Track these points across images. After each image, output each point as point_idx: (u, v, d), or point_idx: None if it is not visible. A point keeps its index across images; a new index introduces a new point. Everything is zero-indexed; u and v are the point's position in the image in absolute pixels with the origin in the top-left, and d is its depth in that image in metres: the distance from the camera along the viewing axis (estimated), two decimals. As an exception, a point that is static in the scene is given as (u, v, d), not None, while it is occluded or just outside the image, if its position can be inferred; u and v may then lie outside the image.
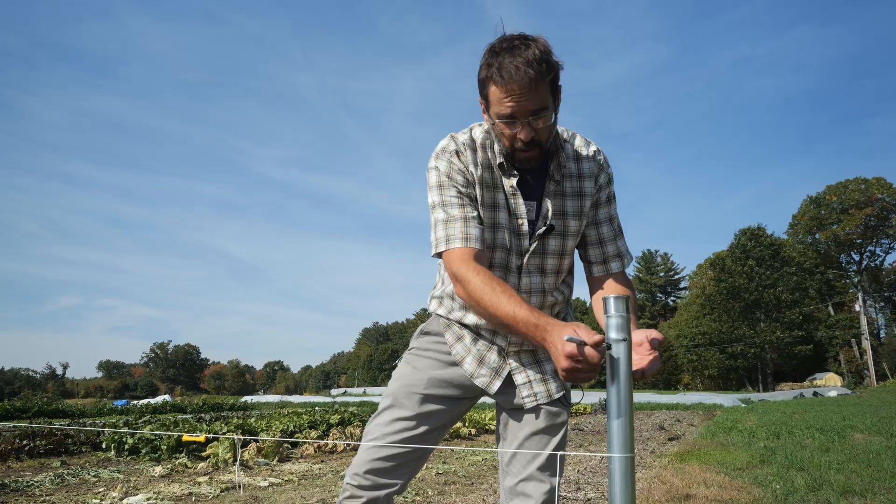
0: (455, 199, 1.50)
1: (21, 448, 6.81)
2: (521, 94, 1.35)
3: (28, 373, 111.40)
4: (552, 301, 1.64)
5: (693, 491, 4.52)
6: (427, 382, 1.66)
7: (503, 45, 1.37)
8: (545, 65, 1.34)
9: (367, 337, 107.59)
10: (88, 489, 4.87)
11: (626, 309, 1.18)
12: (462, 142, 1.55)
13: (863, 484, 4.58)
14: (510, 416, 1.67)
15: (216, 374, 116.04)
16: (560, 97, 1.44)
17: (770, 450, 7.05)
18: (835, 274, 56.30)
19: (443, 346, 1.70)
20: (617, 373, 1.14)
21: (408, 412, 1.63)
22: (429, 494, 4.61)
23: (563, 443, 1.62)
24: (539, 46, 1.36)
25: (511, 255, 1.57)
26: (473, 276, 1.42)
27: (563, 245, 1.58)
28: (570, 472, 5.70)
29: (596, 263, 1.64)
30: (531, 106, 1.37)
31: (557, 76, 1.40)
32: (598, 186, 1.59)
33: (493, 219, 1.54)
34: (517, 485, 1.59)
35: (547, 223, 1.54)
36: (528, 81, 1.33)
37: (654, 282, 76.32)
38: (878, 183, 51.86)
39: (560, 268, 1.61)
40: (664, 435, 9.96)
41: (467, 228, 1.48)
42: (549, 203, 1.53)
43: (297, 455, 6.94)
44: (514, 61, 1.33)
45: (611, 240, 1.62)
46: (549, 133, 1.46)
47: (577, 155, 1.57)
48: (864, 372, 50.75)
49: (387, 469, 1.61)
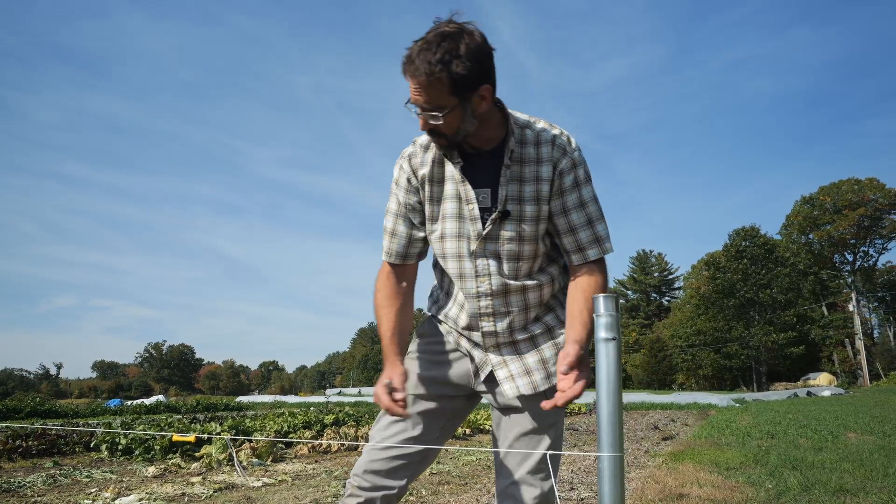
0: (393, 208, 1.66)
1: (13, 448, 6.78)
2: (419, 88, 1.41)
3: (22, 373, 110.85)
4: (532, 285, 1.60)
5: (686, 490, 4.53)
6: (417, 383, 1.68)
7: (426, 36, 1.40)
8: (444, 71, 1.36)
9: (362, 337, 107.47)
10: (81, 490, 4.84)
11: (616, 307, 1.18)
12: (420, 143, 1.62)
13: (855, 483, 4.60)
14: (501, 416, 1.67)
15: (211, 374, 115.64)
16: (478, 94, 1.43)
17: (764, 449, 7.07)
18: (828, 274, 56.55)
19: (433, 346, 1.72)
20: (605, 373, 1.14)
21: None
22: (423, 494, 4.60)
23: (555, 444, 1.60)
24: (450, 48, 1.36)
25: (464, 242, 1.58)
26: (379, 290, 1.68)
27: (519, 230, 1.55)
28: (563, 471, 5.70)
29: (572, 252, 1.57)
30: (423, 102, 1.42)
31: (463, 79, 1.38)
32: (560, 171, 1.54)
33: (440, 211, 1.59)
34: (508, 487, 1.59)
35: (500, 208, 1.54)
36: (423, 80, 1.38)
37: (648, 282, 76.51)
38: (870, 184, 52.13)
39: (521, 254, 1.57)
40: (658, 435, 9.98)
41: (390, 244, 1.67)
42: (503, 189, 1.54)
43: (292, 455, 6.92)
44: (417, 58, 1.38)
45: (583, 226, 1.56)
46: (455, 128, 1.46)
47: (537, 140, 1.55)
48: (858, 372, 51.02)
49: (385, 471, 1.61)
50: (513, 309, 1.60)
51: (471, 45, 1.38)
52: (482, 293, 1.59)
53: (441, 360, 1.69)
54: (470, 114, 1.45)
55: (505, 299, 1.59)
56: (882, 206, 51.94)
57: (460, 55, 1.36)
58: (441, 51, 1.36)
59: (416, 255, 1.70)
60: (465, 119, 1.45)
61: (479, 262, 1.57)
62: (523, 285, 1.59)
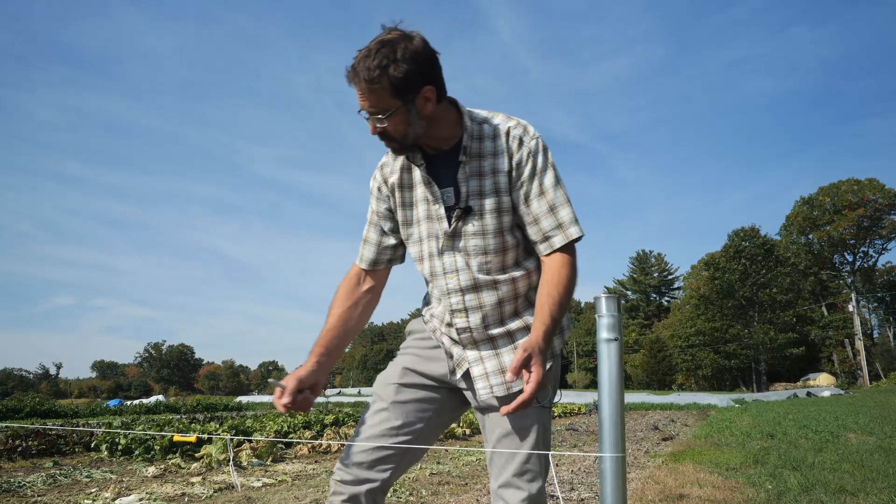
0: (368, 216, 1.75)
1: (13, 448, 6.77)
2: (363, 94, 1.46)
3: (21, 373, 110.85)
4: (504, 279, 1.59)
5: (687, 491, 4.53)
6: (402, 372, 1.69)
7: (369, 44, 1.45)
8: (384, 75, 1.41)
9: (361, 337, 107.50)
10: (81, 489, 4.84)
11: (618, 308, 1.18)
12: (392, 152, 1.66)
13: (855, 484, 4.60)
14: (483, 416, 1.67)
15: (210, 374, 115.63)
16: (421, 96, 1.46)
17: (764, 450, 7.07)
18: (828, 274, 56.59)
19: (419, 342, 1.73)
20: (607, 374, 1.14)
21: (384, 403, 1.66)
22: (423, 495, 4.60)
23: (540, 444, 1.58)
24: (388, 53, 1.41)
25: (433, 241, 1.62)
26: (338, 288, 1.77)
27: (482, 224, 1.56)
28: (563, 472, 5.70)
29: (539, 242, 1.57)
30: (369, 107, 1.47)
31: (403, 82, 1.43)
32: (517, 162, 1.54)
33: (413, 215, 1.65)
34: (497, 489, 1.59)
35: (462, 205, 1.56)
36: (365, 86, 1.44)
37: (648, 282, 76.55)
38: (870, 184, 52.16)
39: (487, 248, 1.57)
40: (658, 435, 9.98)
41: (362, 249, 1.76)
42: (463, 185, 1.56)
43: (292, 455, 6.92)
44: (359, 65, 1.44)
45: (545, 214, 1.55)
46: (403, 130, 1.50)
47: (494, 133, 1.56)
48: (858, 372, 51.05)
49: (368, 463, 1.59)
50: (485, 304, 1.59)
51: (409, 48, 1.43)
52: (451, 290, 1.61)
53: (426, 355, 1.71)
54: (416, 115, 1.49)
55: (476, 295, 1.59)
56: (882, 207, 51.98)
57: (398, 59, 1.41)
58: (380, 56, 1.41)
59: (387, 261, 1.76)
60: (410, 121, 1.49)
61: (446, 259, 1.60)
62: (494, 280, 1.58)
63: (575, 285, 1.54)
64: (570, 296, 1.51)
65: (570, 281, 1.52)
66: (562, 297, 1.49)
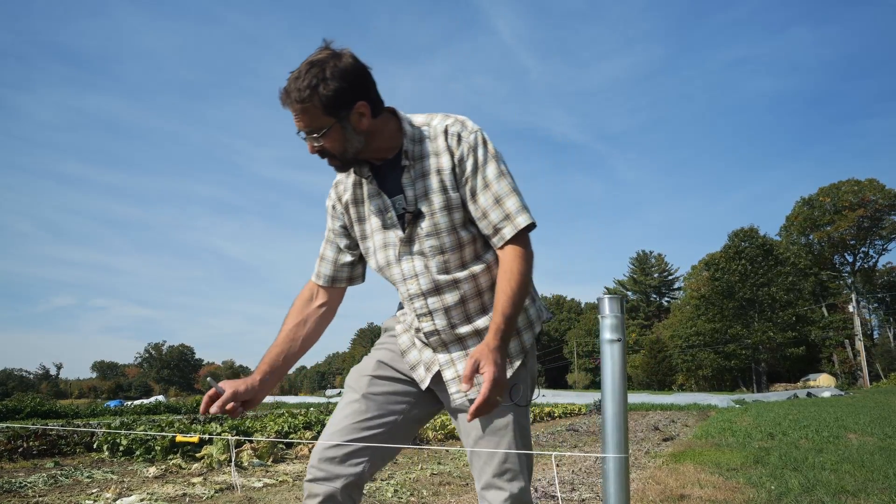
0: (325, 234, 1.77)
1: (14, 449, 6.78)
2: (297, 115, 1.49)
3: (21, 373, 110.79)
4: (464, 276, 1.58)
5: (688, 491, 4.54)
6: (376, 365, 1.70)
7: (300, 66, 1.48)
8: (314, 95, 1.44)
9: (361, 337, 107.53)
10: (82, 490, 4.84)
11: (621, 309, 1.19)
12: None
13: (856, 484, 4.61)
14: (456, 419, 1.66)
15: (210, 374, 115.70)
16: (354, 111, 1.48)
17: (764, 450, 7.08)
18: (828, 275, 56.58)
19: (392, 339, 1.74)
20: (610, 375, 1.15)
21: (356, 394, 1.66)
22: (424, 495, 4.61)
23: (518, 443, 1.57)
24: (317, 73, 1.44)
25: (391, 250, 1.62)
26: (293, 303, 1.79)
27: (434, 224, 1.56)
28: (564, 472, 5.70)
29: (491, 236, 1.56)
30: (304, 127, 1.50)
31: (333, 100, 1.45)
32: (459, 159, 1.54)
33: (363, 230, 1.67)
34: (480, 491, 1.60)
35: (411, 208, 1.56)
36: (297, 106, 1.47)
37: (648, 282, 76.54)
38: (870, 184, 52.17)
39: (443, 247, 1.57)
40: (659, 435, 9.99)
41: (318, 266, 1.78)
42: (410, 189, 1.57)
43: (292, 456, 6.93)
44: (289, 86, 1.47)
45: (492, 207, 1.53)
46: (341, 147, 1.52)
47: (433, 133, 1.57)
48: (858, 373, 51.04)
49: (340, 457, 1.57)
50: (448, 305, 1.59)
51: (338, 66, 1.45)
52: (413, 295, 1.61)
53: (397, 352, 1.71)
54: (351, 131, 1.50)
55: (438, 297, 1.59)
56: (882, 207, 51.98)
57: (326, 78, 1.44)
58: (309, 76, 1.44)
59: (346, 279, 1.78)
60: (347, 137, 1.51)
61: (405, 266, 1.60)
62: (454, 278, 1.58)
63: (529, 276, 1.53)
64: (524, 288, 1.50)
65: (523, 273, 1.51)
66: (514, 291, 1.48)
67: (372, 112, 1.51)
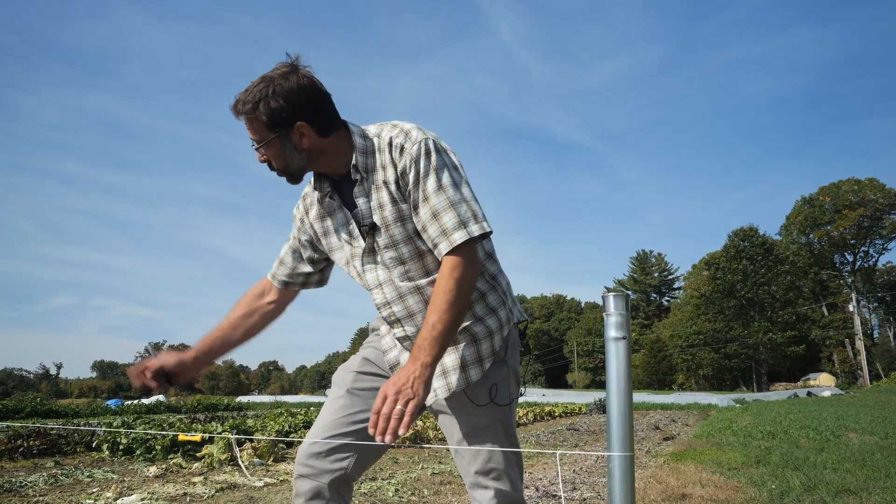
0: (289, 239, 1.80)
1: (14, 448, 6.77)
2: (246, 126, 1.54)
3: (22, 373, 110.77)
4: (426, 283, 1.58)
5: (689, 490, 4.53)
6: (361, 362, 1.72)
7: (255, 79, 1.53)
8: (255, 109, 1.49)
9: (361, 337, 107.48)
10: (82, 489, 4.84)
11: (626, 307, 1.18)
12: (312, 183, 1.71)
13: (858, 483, 4.60)
14: (437, 419, 1.68)
15: (211, 374, 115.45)
16: (295, 130, 1.51)
17: (765, 449, 7.07)
18: (828, 274, 56.57)
19: (376, 339, 1.76)
20: (615, 372, 1.14)
21: (341, 390, 1.67)
22: (424, 494, 4.60)
23: (501, 443, 1.58)
24: (263, 89, 1.48)
25: (357, 261, 1.64)
26: (245, 294, 1.83)
27: (390, 236, 1.55)
28: (565, 471, 5.70)
29: (433, 249, 1.52)
30: (251, 137, 1.55)
31: (274, 116, 1.49)
32: (402, 171, 1.52)
33: (330, 243, 1.70)
34: (469, 489, 1.63)
35: (365, 222, 1.57)
36: (244, 118, 1.52)
37: (648, 282, 76.56)
38: (870, 184, 52.16)
39: (402, 257, 1.56)
40: (659, 435, 9.98)
41: (276, 268, 1.81)
42: (363, 202, 1.57)
43: (292, 455, 6.92)
44: (238, 98, 1.52)
45: (430, 221, 1.49)
46: (283, 161, 1.55)
47: (382, 145, 1.56)
48: (858, 372, 51.04)
49: (325, 452, 1.58)
50: (414, 312, 1.59)
51: (284, 86, 1.48)
52: (380, 304, 1.62)
53: (380, 351, 1.73)
54: (292, 149, 1.53)
55: (403, 304, 1.59)
56: (882, 207, 51.96)
57: (269, 96, 1.48)
58: (255, 91, 1.49)
59: (300, 284, 1.81)
60: (287, 153, 1.54)
61: (369, 276, 1.62)
62: (416, 286, 1.57)
63: (465, 287, 1.47)
64: (458, 302, 1.44)
65: (455, 289, 1.45)
66: (444, 308, 1.43)
67: (320, 132, 1.53)
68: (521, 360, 1.73)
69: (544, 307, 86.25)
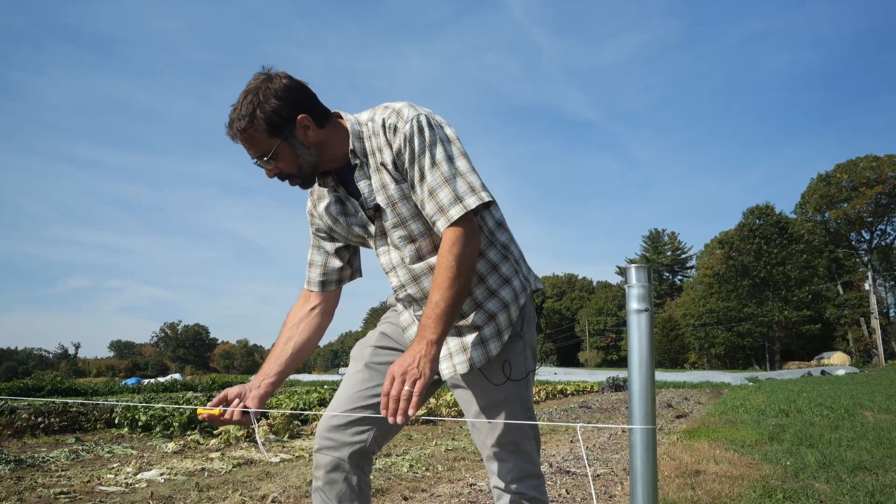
0: (312, 239, 1.77)
1: (36, 425, 6.91)
2: (245, 145, 1.51)
3: (41, 352, 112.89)
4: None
5: (703, 467, 4.53)
6: (379, 336, 1.73)
7: (238, 98, 1.50)
8: (252, 121, 1.46)
9: (374, 317, 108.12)
10: (103, 465, 4.93)
11: (648, 279, 1.16)
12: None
13: (874, 461, 4.58)
14: (455, 394, 1.70)
15: (225, 353, 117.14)
16: (298, 126, 1.49)
17: (779, 427, 7.06)
18: (844, 252, 55.93)
19: (395, 314, 1.77)
20: (637, 345, 1.12)
21: (360, 364, 1.69)
22: (438, 470, 4.64)
23: (517, 416, 1.59)
24: (252, 100, 1.46)
25: (369, 246, 1.67)
26: (289, 312, 1.79)
27: (398, 215, 1.55)
28: (578, 448, 5.72)
29: (434, 227, 1.50)
30: (255, 154, 1.52)
31: (273, 120, 1.46)
32: (397, 151, 1.51)
33: (346, 232, 1.68)
34: (486, 461, 1.66)
35: (370, 205, 1.57)
36: (243, 136, 1.49)
37: (661, 261, 76.15)
38: (889, 160, 51.20)
39: (412, 235, 1.56)
40: (672, 412, 9.99)
41: (308, 273, 1.78)
42: (364, 186, 1.56)
43: (308, 432, 7.01)
44: (230, 119, 1.50)
45: (427, 199, 1.48)
46: (296, 164, 1.53)
47: (376, 129, 1.54)
48: (873, 351, 50.66)
49: (345, 425, 1.59)
50: (428, 291, 1.57)
51: (271, 88, 1.47)
52: (396, 287, 1.64)
53: (400, 327, 1.74)
54: (300, 146, 1.51)
55: (418, 286, 1.59)
56: (901, 184, 51.06)
57: (262, 101, 1.46)
58: (246, 104, 1.47)
59: (336, 281, 1.77)
60: (298, 153, 1.52)
61: (383, 259, 1.63)
62: (428, 265, 1.57)
63: (466, 262, 1.44)
64: (459, 278, 1.43)
65: (456, 265, 1.43)
66: (446, 284, 1.42)
67: (316, 123, 1.51)
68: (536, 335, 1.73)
69: (556, 286, 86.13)
